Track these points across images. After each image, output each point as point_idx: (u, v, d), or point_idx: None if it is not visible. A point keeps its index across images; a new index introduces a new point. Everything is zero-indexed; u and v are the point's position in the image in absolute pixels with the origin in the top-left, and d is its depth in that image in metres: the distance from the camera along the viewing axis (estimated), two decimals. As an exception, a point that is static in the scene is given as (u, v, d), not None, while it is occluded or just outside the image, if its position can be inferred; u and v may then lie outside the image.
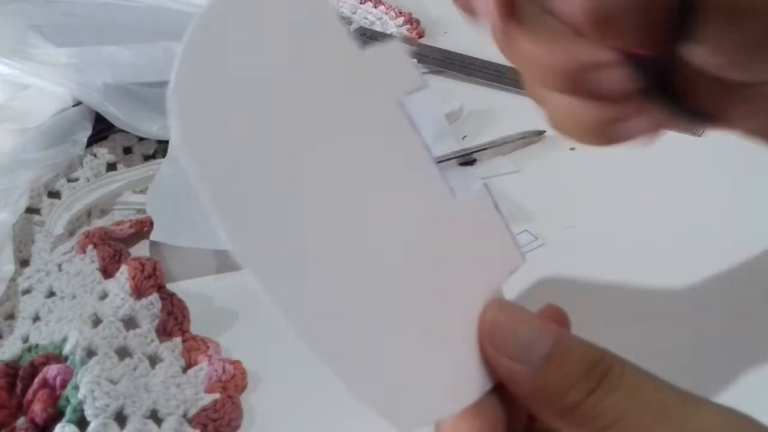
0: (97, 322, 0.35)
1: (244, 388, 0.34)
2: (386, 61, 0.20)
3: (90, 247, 0.40)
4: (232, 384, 0.33)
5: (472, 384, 0.20)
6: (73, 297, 0.38)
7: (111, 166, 0.49)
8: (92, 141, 0.48)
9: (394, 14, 0.73)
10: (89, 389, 0.31)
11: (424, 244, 0.20)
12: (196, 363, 0.34)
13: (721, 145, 0.50)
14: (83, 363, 0.32)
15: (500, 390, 0.20)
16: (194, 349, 0.35)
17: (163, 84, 0.17)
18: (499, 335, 0.20)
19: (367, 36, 0.68)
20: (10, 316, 0.38)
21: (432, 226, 0.20)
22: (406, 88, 0.21)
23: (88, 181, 0.47)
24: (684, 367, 0.34)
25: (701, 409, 0.18)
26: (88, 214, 0.45)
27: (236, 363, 0.34)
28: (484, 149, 0.49)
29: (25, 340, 0.36)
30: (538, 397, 0.19)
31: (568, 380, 0.18)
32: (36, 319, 0.38)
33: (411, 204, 0.20)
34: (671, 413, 0.18)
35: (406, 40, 0.67)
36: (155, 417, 0.31)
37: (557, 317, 0.22)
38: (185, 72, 0.17)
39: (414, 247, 0.20)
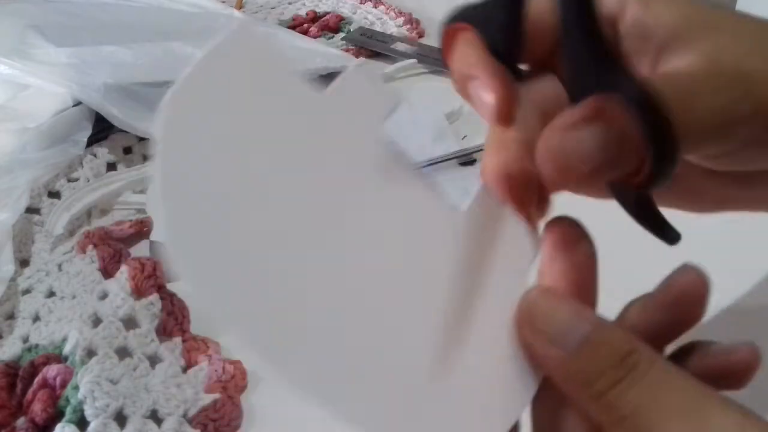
0: (97, 322, 0.35)
1: (244, 388, 0.34)
2: (350, 93, 0.19)
3: (90, 247, 0.40)
4: (232, 384, 0.33)
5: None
6: (73, 297, 0.38)
7: (111, 166, 0.49)
8: (92, 141, 0.48)
9: (394, 14, 0.73)
10: (89, 389, 0.31)
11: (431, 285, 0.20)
12: (196, 363, 0.34)
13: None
14: (83, 363, 0.32)
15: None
16: (194, 349, 0.35)
17: (163, 84, 0.17)
18: (537, 318, 0.20)
19: (368, 36, 0.68)
20: (10, 316, 0.38)
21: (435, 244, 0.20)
22: (380, 114, 0.20)
23: (88, 181, 0.47)
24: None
25: (723, 412, 0.18)
26: (88, 214, 0.45)
27: (236, 363, 0.34)
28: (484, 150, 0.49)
29: (25, 340, 0.36)
30: (571, 381, 0.19)
31: (598, 369, 0.19)
32: (36, 319, 0.38)
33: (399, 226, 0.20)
34: (691, 413, 0.18)
35: (406, 39, 0.67)
36: (155, 417, 0.31)
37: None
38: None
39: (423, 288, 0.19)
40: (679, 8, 0.22)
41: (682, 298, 0.21)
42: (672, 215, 0.25)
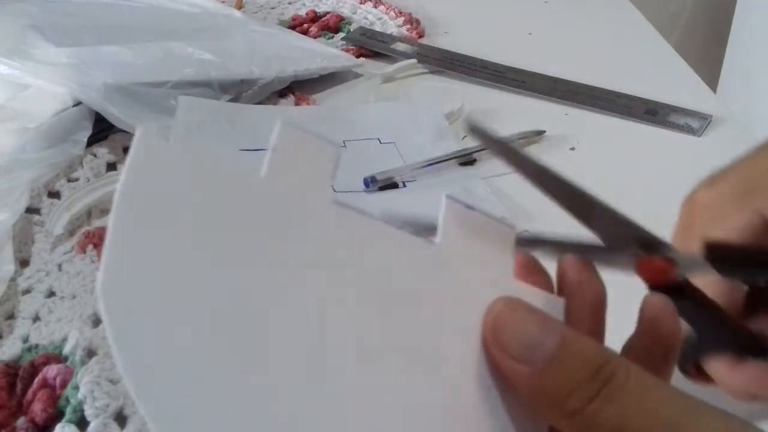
0: (97, 322, 0.35)
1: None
2: (287, 163, 0.18)
3: (90, 247, 0.40)
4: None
5: None
6: (73, 297, 0.38)
7: (111, 166, 0.49)
8: (92, 141, 0.48)
9: (394, 14, 0.73)
10: (89, 389, 0.31)
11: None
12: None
13: (720, 145, 0.50)
14: (83, 363, 0.32)
15: None
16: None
17: (163, 84, 0.17)
18: (501, 333, 0.19)
19: (368, 36, 0.68)
20: (10, 316, 0.38)
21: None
22: (323, 172, 0.18)
23: (88, 181, 0.47)
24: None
25: (708, 419, 0.17)
26: (88, 214, 0.45)
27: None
28: (484, 149, 0.49)
29: (25, 340, 0.36)
30: (539, 399, 0.18)
31: (569, 385, 0.18)
32: (36, 319, 0.38)
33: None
34: (676, 424, 0.17)
35: (406, 39, 0.67)
36: (155, 417, 0.31)
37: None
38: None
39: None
40: None
41: (653, 324, 0.22)
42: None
